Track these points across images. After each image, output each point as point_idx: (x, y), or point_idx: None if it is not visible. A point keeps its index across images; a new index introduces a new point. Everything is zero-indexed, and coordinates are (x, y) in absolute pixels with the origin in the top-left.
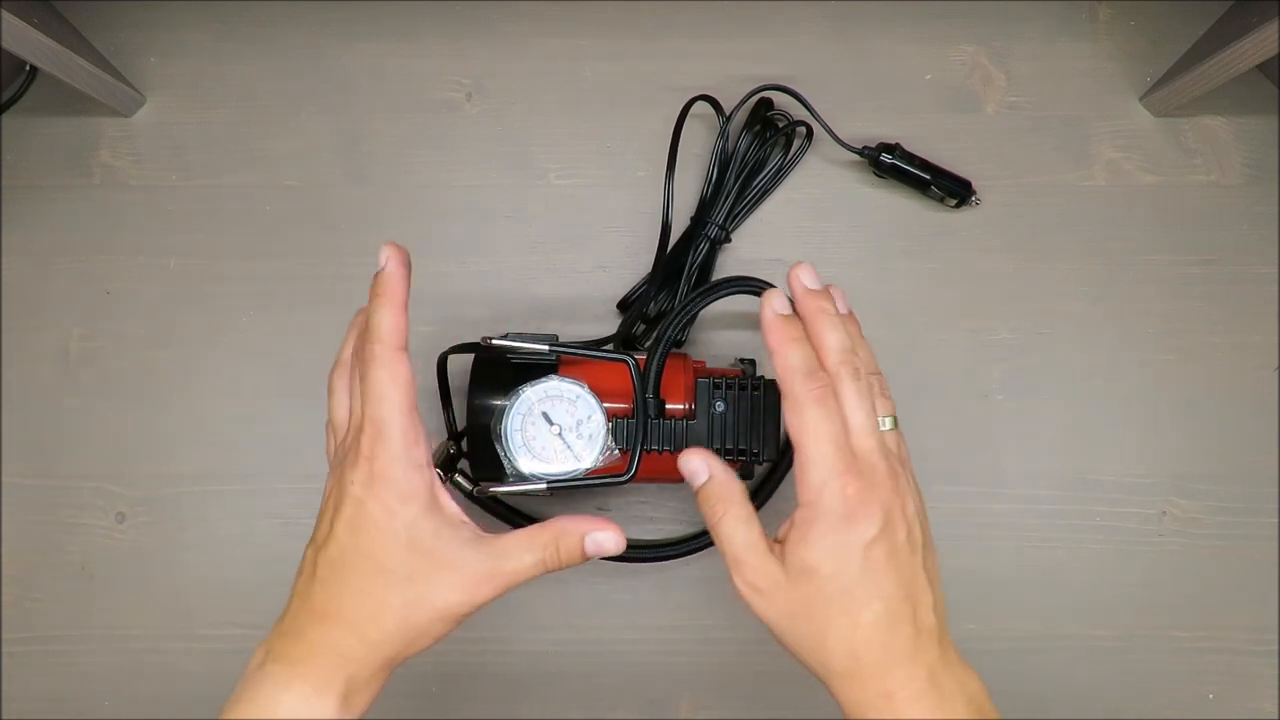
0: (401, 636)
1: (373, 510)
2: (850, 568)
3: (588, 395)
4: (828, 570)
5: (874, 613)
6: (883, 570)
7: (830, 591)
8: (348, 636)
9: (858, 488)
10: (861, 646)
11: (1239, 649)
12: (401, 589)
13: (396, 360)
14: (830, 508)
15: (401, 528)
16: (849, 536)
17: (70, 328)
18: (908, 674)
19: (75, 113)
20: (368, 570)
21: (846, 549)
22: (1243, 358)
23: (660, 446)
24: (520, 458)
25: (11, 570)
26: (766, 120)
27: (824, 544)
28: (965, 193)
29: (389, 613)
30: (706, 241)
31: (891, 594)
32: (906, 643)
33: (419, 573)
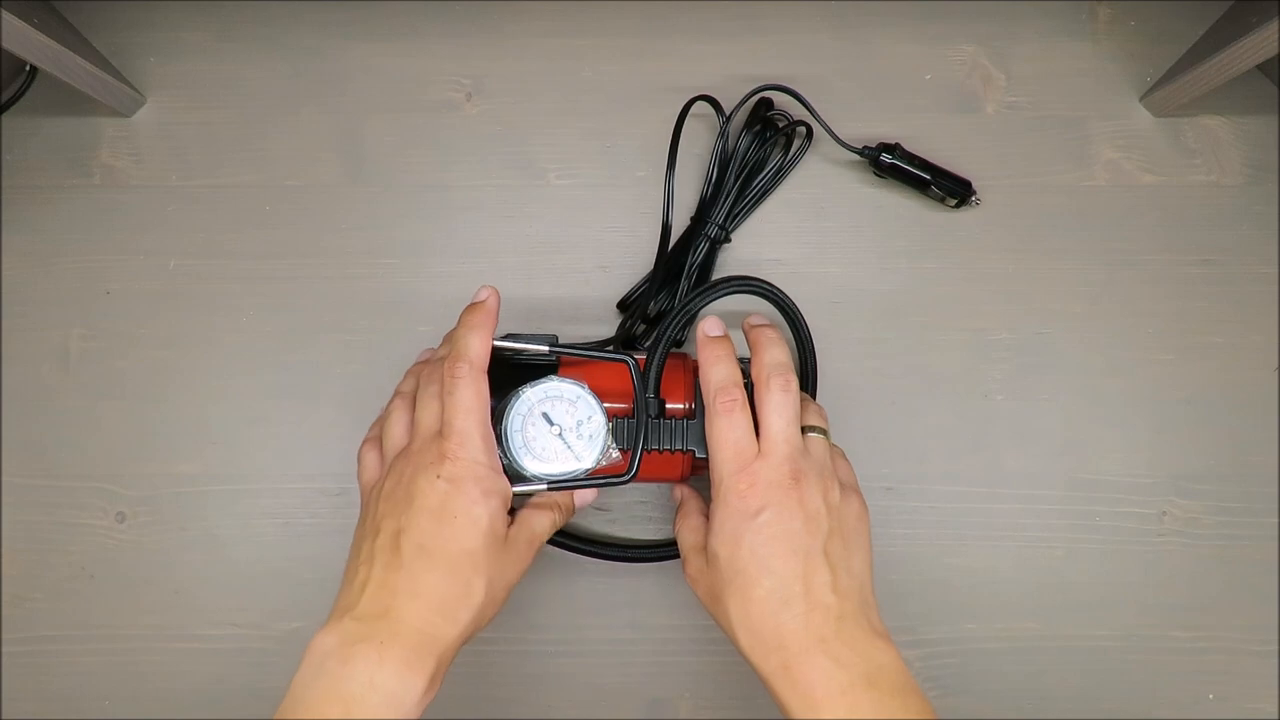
0: (480, 615)
1: (459, 503)
2: (742, 551)
3: (588, 395)
4: (725, 554)
5: (764, 589)
6: (772, 552)
7: (728, 573)
8: (437, 617)
9: (749, 482)
10: (756, 621)
11: (1239, 649)
12: (485, 572)
13: (481, 379)
14: (727, 500)
15: (485, 518)
16: (741, 524)
17: (70, 328)
18: (801, 647)
19: (75, 113)
20: (455, 556)
21: (739, 534)
22: (1243, 358)
23: (661, 446)
24: (520, 458)
25: (11, 570)
26: (766, 120)
27: (723, 531)
28: (965, 192)
29: (475, 594)
30: (706, 241)
31: (780, 572)
32: (797, 619)
33: (496, 558)
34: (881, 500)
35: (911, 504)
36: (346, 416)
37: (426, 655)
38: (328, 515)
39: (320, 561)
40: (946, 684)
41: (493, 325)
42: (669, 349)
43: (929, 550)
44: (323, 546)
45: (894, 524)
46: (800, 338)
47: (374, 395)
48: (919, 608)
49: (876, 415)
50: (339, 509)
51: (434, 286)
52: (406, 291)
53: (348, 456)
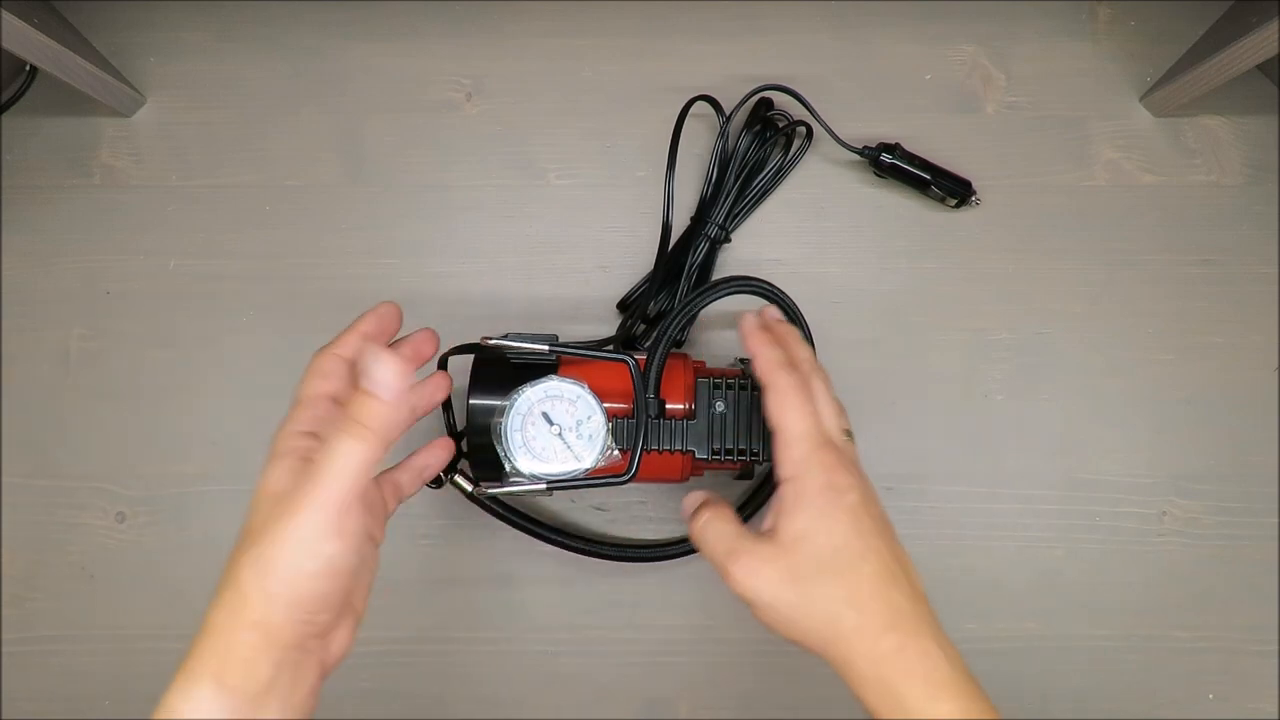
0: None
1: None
2: (841, 528)
3: (588, 395)
4: (822, 533)
5: (872, 567)
6: (871, 530)
7: (827, 553)
8: (214, 610)
9: (836, 457)
10: (867, 600)
11: (1239, 649)
12: (258, 541)
13: (329, 359)
14: (815, 477)
15: (260, 484)
16: (837, 500)
17: (70, 328)
18: (914, 628)
19: (75, 113)
20: (243, 536)
21: (835, 511)
22: (1243, 358)
23: (661, 446)
24: (520, 458)
25: (11, 570)
26: (766, 120)
27: (814, 510)
28: (965, 192)
29: (244, 573)
30: (706, 241)
31: (883, 551)
32: (906, 599)
33: (273, 523)
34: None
35: (911, 504)
36: None
37: (214, 656)
38: None
39: None
40: None
41: (374, 324)
42: (669, 349)
43: (929, 550)
44: None
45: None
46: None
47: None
48: None
49: (876, 415)
50: None
51: (434, 286)
52: (406, 291)
53: None
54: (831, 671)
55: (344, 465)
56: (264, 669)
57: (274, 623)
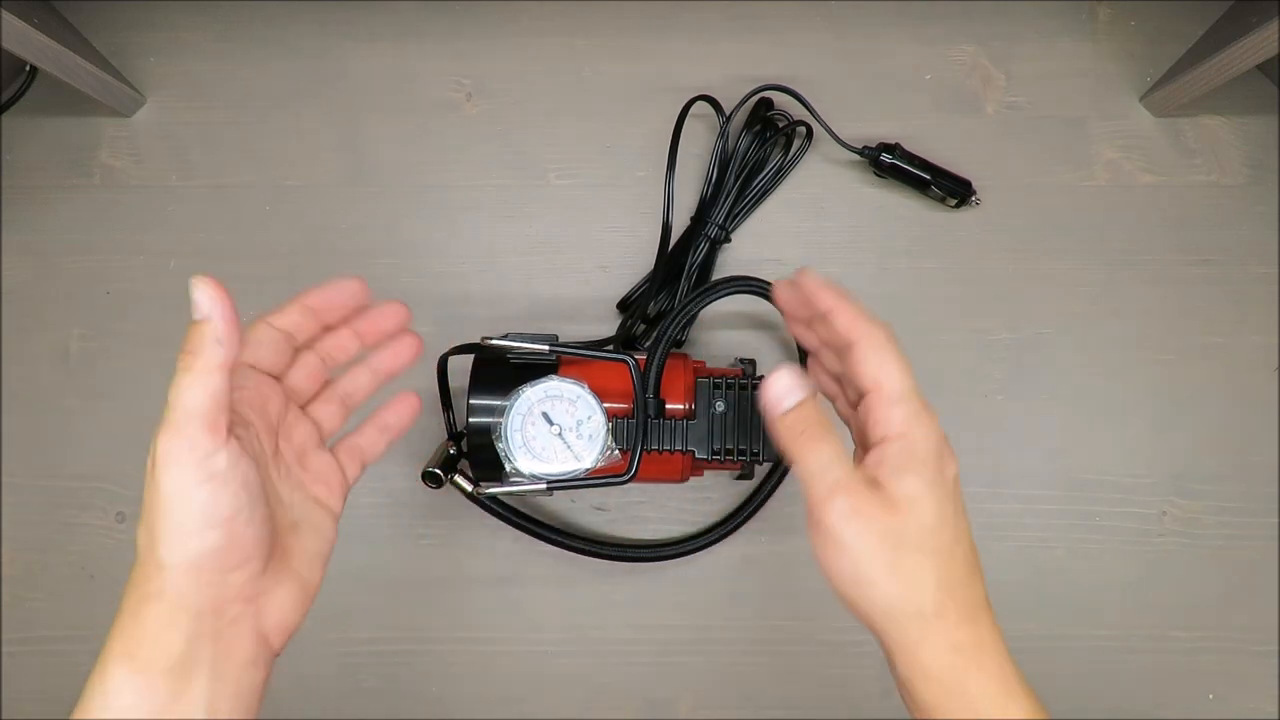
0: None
1: None
2: (948, 504)
3: (588, 395)
4: (930, 503)
5: (964, 551)
6: (964, 513)
7: (933, 523)
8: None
9: (939, 424)
10: (958, 584)
11: (1239, 649)
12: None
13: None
14: (928, 439)
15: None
16: (945, 472)
17: (70, 328)
18: (990, 626)
19: (75, 113)
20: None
21: (944, 485)
22: (1243, 358)
23: (660, 446)
24: (520, 457)
25: (11, 570)
26: (766, 120)
27: (926, 475)
28: (965, 192)
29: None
30: (706, 241)
31: (969, 538)
32: (982, 588)
33: (152, 475)
34: None
35: None
36: None
37: (123, 637)
38: None
39: None
40: None
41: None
42: (669, 349)
43: None
44: None
45: None
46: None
47: (373, 395)
48: None
49: None
50: None
51: (434, 286)
52: (406, 291)
53: None
54: (832, 671)
55: (177, 400)
56: (176, 640)
57: (176, 589)
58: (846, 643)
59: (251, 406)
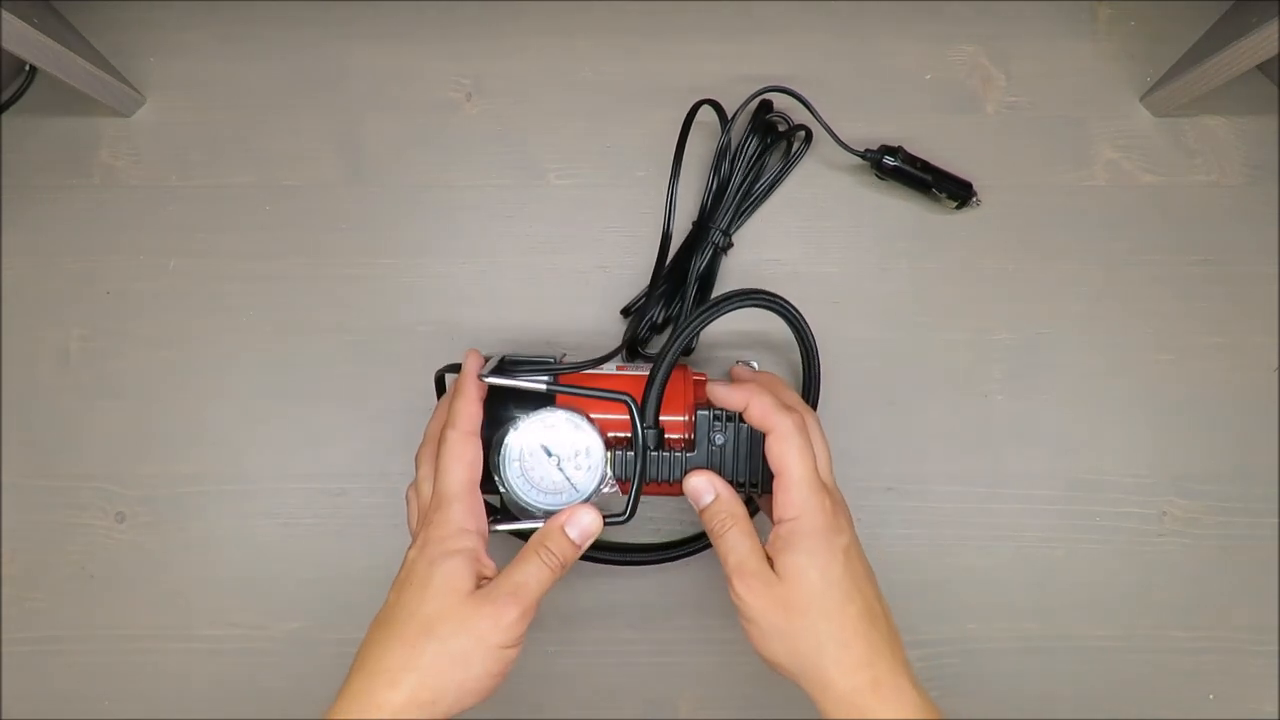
0: (436, 681)
1: (418, 568)
2: (834, 569)
3: (587, 425)
4: (816, 572)
5: (857, 607)
6: (859, 573)
7: (819, 589)
8: (382, 686)
9: (834, 502)
10: (851, 637)
11: (1239, 649)
12: (440, 633)
13: (465, 443)
14: (814, 519)
15: (437, 577)
16: (832, 542)
17: (70, 328)
18: (889, 666)
19: (75, 113)
20: (403, 623)
21: (830, 553)
22: (1243, 358)
23: (660, 478)
24: (519, 489)
25: (11, 570)
26: (768, 124)
27: (811, 548)
28: (966, 194)
29: (422, 658)
30: (711, 247)
31: (868, 593)
32: (884, 638)
33: (460, 617)
34: (881, 500)
35: (911, 504)
36: (346, 416)
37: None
38: (328, 515)
39: (320, 561)
40: (947, 684)
41: (474, 388)
42: (669, 375)
43: (929, 550)
44: (323, 546)
45: (894, 524)
46: (806, 348)
47: (374, 395)
48: (919, 608)
49: (876, 415)
50: (339, 509)
51: (434, 286)
52: (406, 291)
53: (348, 456)
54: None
55: (539, 590)
56: None
57: (435, 713)
58: None
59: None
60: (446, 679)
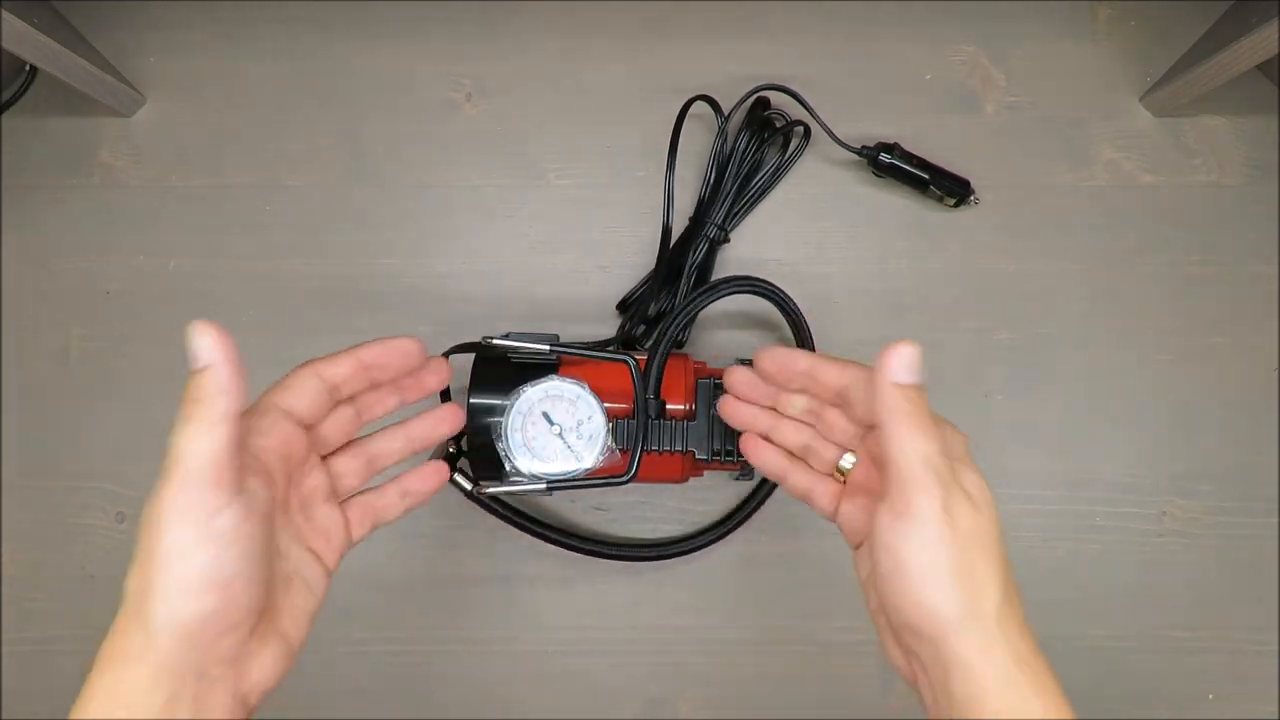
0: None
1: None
2: (994, 511)
3: (588, 395)
4: (988, 507)
5: (1003, 558)
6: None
7: (989, 526)
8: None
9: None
10: (1013, 592)
11: (1239, 649)
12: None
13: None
14: (969, 474)
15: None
16: (985, 494)
17: (70, 328)
18: (1023, 623)
19: (75, 113)
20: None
21: (985, 497)
22: (1243, 358)
23: (661, 447)
24: (520, 457)
25: (11, 570)
26: (764, 120)
27: (975, 491)
28: (964, 192)
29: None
30: (706, 241)
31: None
32: (1016, 599)
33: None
34: None
35: None
36: None
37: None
38: None
39: None
40: None
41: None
42: (670, 349)
43: None
44: None
45: None
46: (800, 337)
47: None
48: None
49: None
50: None
51: (434, 286)
52: (406, 291)
53: None
54: (832, 672)
55: (180, 453)
56: (154, 704)
57: (162, 650)
58: (846, 643)
59: (275, 455)
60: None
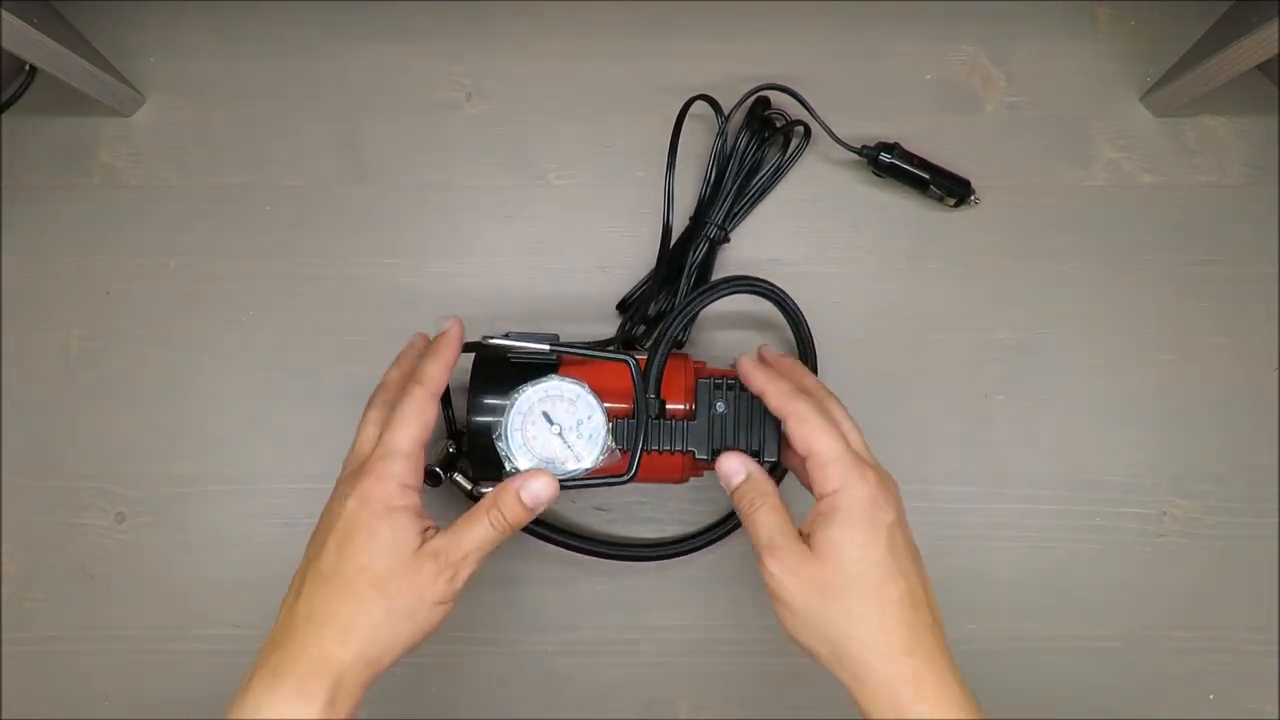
0: (390, 635)
1: (360, 519)
2: (877, 548)
3: (588, 395)
4: (856, 549)
5: (899, 591)
6: (902, 552)
7: (859, 569)
8: (332, 641)
9: (877, 476)
10: (891, 623)
11: (1239, 649)
12: (388, 589)
13: (427, 403)
14: (855, 494)
15: (386, 533)
16: (875, 517)
17: (70, 328)
18: (930, 656)
19: (75, 113)
20: (351, 576)
21: (873, 529)
22: (1243, 358)
23: (661, 446)
24: (520, 457)
25: (11, 570)
26: (765, 119)
27: (851, 525)
28: (964, 192)
29: (371, 613)
30: (706, 241)
31: (911, 576)
32: (927, 626)
33: (406, 574)
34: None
35: (912, 504)
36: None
37: (319, 680)
38: None
39: None
40: None
41: (453, 354)
42: (670, 349)
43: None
44: None
45: None
46: (800, 337)
47: None
48: None
49: (876, 415)
50: None
51: (434, 286)
52: (406, 291)
53: None
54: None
55: (482, 551)
56: (358, 700)
57: (380, 668)
58: None
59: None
60: (392, 635)
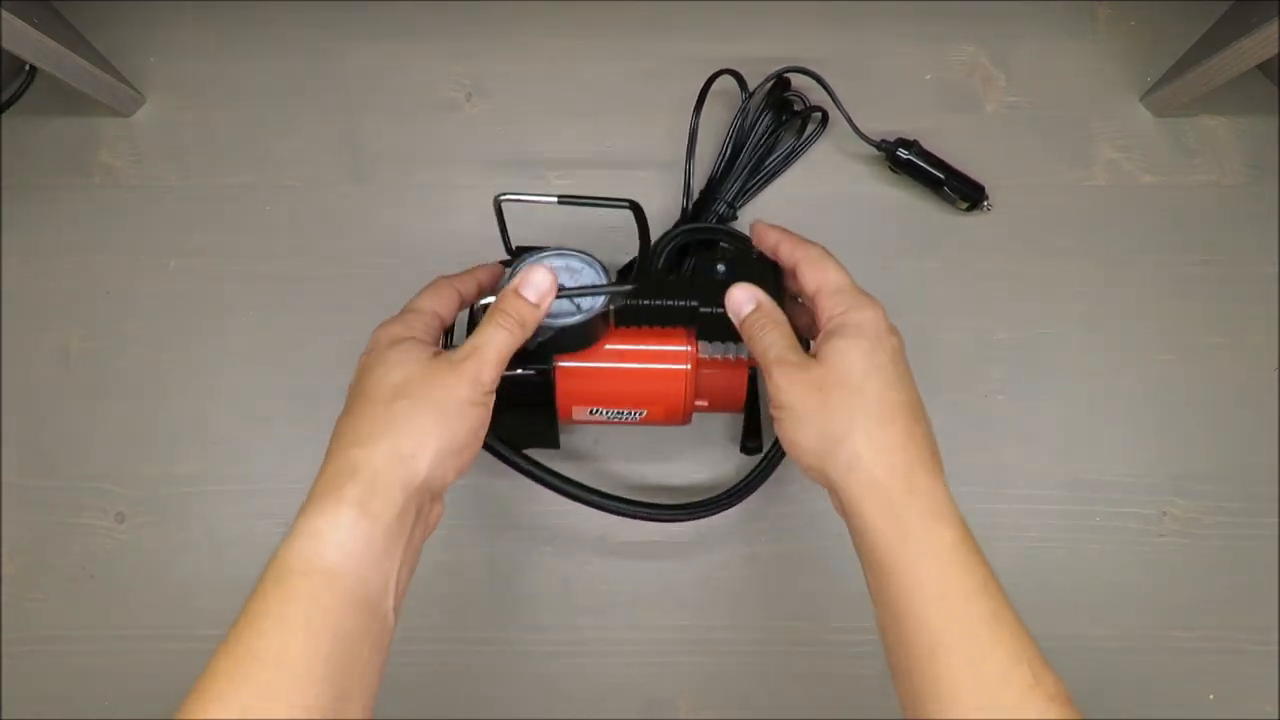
0: (415, 431)
1: (382, 347)
2: (882, 354)
3: (595, 267)
4: (861, 354)
5: (901, 399)
6: (907, 374)
7: (863, 369)
8: (354, 445)
9: (881, 309)
10: (889, 421)
11: (1239, 649)
12: (403, 391)
13: (449, 290)
14: (864, 314)
15: (403, 349)
16: (881, 334)
17: (70, 328)
18: (927, 463)
19: (75, 113)
20: (371, 393)
21: (879, 341)
22: (1243, 358)
23: (664, 300)
24: None
25: (11, 570)
26: (784, 101)
27: (860, 335)
28: (978, 196)
29: (394, 410)
30: (715, 217)
31: (914, 394)
32: (927, 440)
33: (417, 376)
34: None
35: None
36: None
37: (343, 483)
38: None
39: None
40: None
41: (487, 276)
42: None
43: None
44: None
45: None
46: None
47: None
48: None
49: None
50: None
51: None
52: (406, 292)
53: None
54: (832, 671)
55: (496, 348)
56: (399, 504)
57: (418, 468)
58: (846, 643)
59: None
60: (421, 430)
